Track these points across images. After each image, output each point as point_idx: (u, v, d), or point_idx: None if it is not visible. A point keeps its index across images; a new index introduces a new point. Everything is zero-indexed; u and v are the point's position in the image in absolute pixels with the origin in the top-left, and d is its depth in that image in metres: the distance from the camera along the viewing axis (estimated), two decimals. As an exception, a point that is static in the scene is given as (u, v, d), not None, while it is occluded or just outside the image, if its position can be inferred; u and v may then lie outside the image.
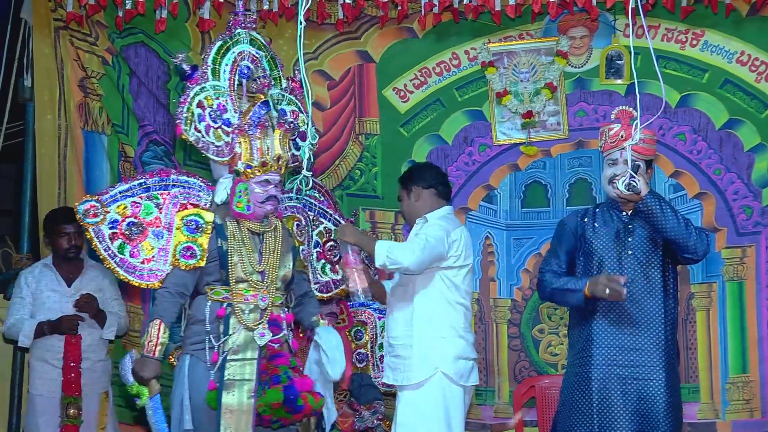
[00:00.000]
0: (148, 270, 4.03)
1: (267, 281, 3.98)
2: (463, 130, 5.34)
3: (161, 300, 4.00)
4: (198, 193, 4.15)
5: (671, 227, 3.77)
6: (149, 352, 3.89)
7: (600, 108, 5.16)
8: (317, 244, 4.41)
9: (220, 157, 4.06)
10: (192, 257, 3.98)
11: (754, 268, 5.03)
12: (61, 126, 5.35)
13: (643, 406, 3.76)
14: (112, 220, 4.03)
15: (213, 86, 4.10)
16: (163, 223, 4.06)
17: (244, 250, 3.98)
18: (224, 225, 4.00)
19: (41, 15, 5.26)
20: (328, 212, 4.50)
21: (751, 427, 4.94)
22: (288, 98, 4.34)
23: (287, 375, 3.82)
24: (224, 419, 3.80)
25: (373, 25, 5.35)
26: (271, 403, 3.77)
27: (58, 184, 5.31)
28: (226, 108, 4.10)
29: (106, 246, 4.02)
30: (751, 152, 5.05)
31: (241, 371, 3.87)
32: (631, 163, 3.80)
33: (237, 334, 3.91)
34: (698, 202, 5.09)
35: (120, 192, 4.08)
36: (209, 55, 4.13)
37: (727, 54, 5.08)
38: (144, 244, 4.06)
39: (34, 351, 4.82)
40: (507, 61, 5.25)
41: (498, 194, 5.30)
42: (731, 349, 5.01)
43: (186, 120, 4.00)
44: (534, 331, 5.23)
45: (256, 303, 3.95)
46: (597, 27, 5.20)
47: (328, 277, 4.41)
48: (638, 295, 3.84)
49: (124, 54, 5.29)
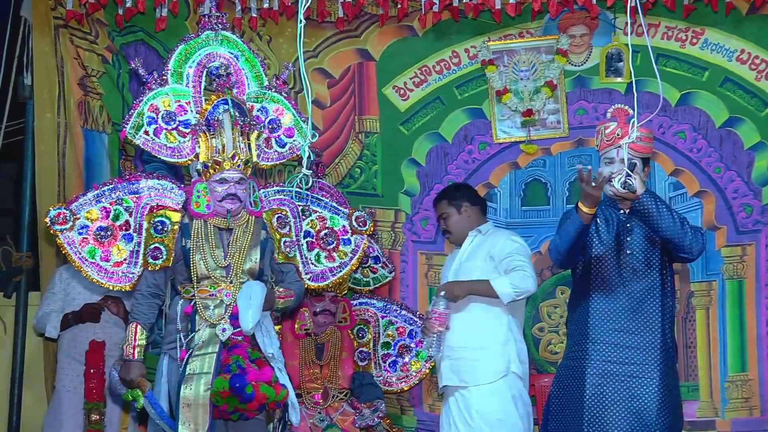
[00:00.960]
0: (120, 273, 4.10)
1: (231, 275, 4.01)
2: (463, 129, 5.34)
3: (136, 303, 4.10)
4: (169, 194, 4.20)
5: (667, 227, 3.77)
6: (128, 355, 4.00)
7: (600, 106, 5.16)
8: (308, 234, 4.39)
9: (175, 159, 4.18)
10: (158, 258, 4.06)
11: (754, 267, 5.02)
12: (60, 124, 5.34)
13: (636, 404, 3.75)
14: (82, 225, 4.08)
15: (172, 90, 4.20)
16: (132, 226, 4.12)
17: (207, 247, 4.02)
18: (190, 224, 4.07)
19: (41, 13, 5.25)
20: (323, 200, 4.49)
21: (750, 426, 4.94)
22: (271, 95, 4.33)
23: (237, 364, 3.83)
24: (182, 414, 3.85)
25: (373, 24, 5.35)
26: (219, 392, 3.78)
27: (58, 182, 5.31)
28: (185, 109, 4.19)
29: (76, 251, 4.07)
30: (751, 150, 5.05)
31: (201, 365, 3.91)
32: (628, 162, 3.79)
33: (202, 330, 3.97)
34: (698, 201, 5.09)
35: (91, 198, 4.14)
36: (170, 60, 4.23)
37: (727, 52, 5.08)
38: (114, 248, 4.12)
39: (61, 347, 4.88)
40: (507, 60, 5.25)
41: (498, 192, 5.30)
42: (731, 347, 5.01)
43: (133, 124, 4.13)
44: (534, 330, 5.23)
45: (221, 298, 3.98)
46: (597, 25, 5.20)
47: (322, 266, 4.38)
48: (637, 294, 3.84)
49: (124, 52, 5.29)
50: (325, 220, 4.41)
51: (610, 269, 3.86)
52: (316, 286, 4.40)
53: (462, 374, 4.32)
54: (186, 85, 4.22)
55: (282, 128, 4.34)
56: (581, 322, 3.90)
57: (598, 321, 3.85)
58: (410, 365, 4.87)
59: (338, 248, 4.38)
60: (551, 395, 4.01)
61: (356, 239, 4.42)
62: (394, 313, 4.93)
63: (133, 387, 3.96)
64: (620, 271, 3.86)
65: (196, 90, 4.22)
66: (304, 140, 4.33)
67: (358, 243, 4.43)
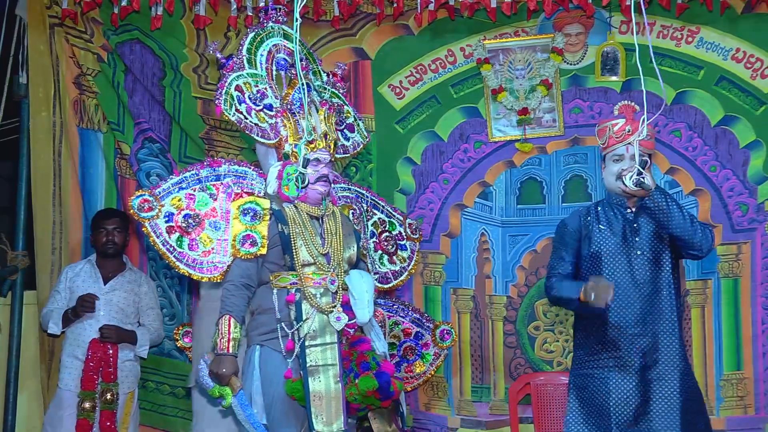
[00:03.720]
0: (209, 262, 3.93)
1: (333, 263, 3.89)
2: (458, 127, 5.34)
3: (227, 294, 3.86)
4: (251, 181, 4.07)
5: (677, 224, 3.74)
6: (222, 349, 3.74)
7: (596, 105, 5.17)
8: (373, 235, 4.36)
9: (266, 140, 3.99)
10: (253, 245, 3.86)
11: (750, 265, 5.02)
12: (56, 123, 5.33)
13: (662, 405, 3.73)
14: (168, 213, 3.91)
15: (250, 74, 4.07)
16: (219, 214, 3.96)
17: (306, 233, 3.87)
18: (282, 210, 3.90)
19: (36, 12, 5.24)
20: (380, 203, 4.47)
21: (745, 424, 4.94)
22: (330, 91, 4.29)
23: (376, 361, 3.73)
24: (314, 406, 3.68)
25: (369, 22, 5.34)
26: (366, 391, 3.67)
27: (53, 181, 5.30)
28: (266, 94, 4.05)
29: (163, 240, 3.90)
30: (747, 149, 5.05)
31: (323, 356, 3.75)
32: (639, 158, 3.77)
33: (311, 319, 3.79)
34: (694, 199, 5.09)
35: (173, 184, 3.98)
36: (244, 45, 4.10)
37: (722, 51, 5.08)
38: (202, 236, 3.95)
39: (65, 347, 4.88)
40: (502, 58, 5.25)
41: (493, 191, 5.29)
42: (726, 346, 5.01)
43: (225, 101, 3.93)
44: (529, 328, 5.23)
45: (325, 286, 3.85)
46: (592, 24, 5.20)
47: (386, 269, 4.37)
48: (652, 294, 3.81)
49: (119, 51, 5.28)
50: (385, 224, 4.39)
51: (622, 272, 3.82)
52: (380, 287, 4.37)
53: None
54: (261, 71, 4.13)
55: (345, 123, 4.35)
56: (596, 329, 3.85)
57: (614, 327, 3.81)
58: (414, 367, 4.86)
59: (397, 252, 4.37)
60: (571, 407, 3.91)
61: (410, 245, 4.43)
62: (401, 313, 4.88)
63: (223, 383, 3.74)
64: (632, 274, 3.82)
65: (269, 77, 4.13)
66: (362, 138, 4.35)
67: (413, 249, 4.43)
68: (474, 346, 5.23)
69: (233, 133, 5.29)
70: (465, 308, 5.27)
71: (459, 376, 5.20)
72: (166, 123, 5.36)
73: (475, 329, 5.24)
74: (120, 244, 5.01)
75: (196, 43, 5.30)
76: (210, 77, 5.33)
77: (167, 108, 5.32)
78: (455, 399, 5.21)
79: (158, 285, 5.24)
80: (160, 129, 5.35)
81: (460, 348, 5.22)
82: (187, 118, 5.32)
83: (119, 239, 5.00)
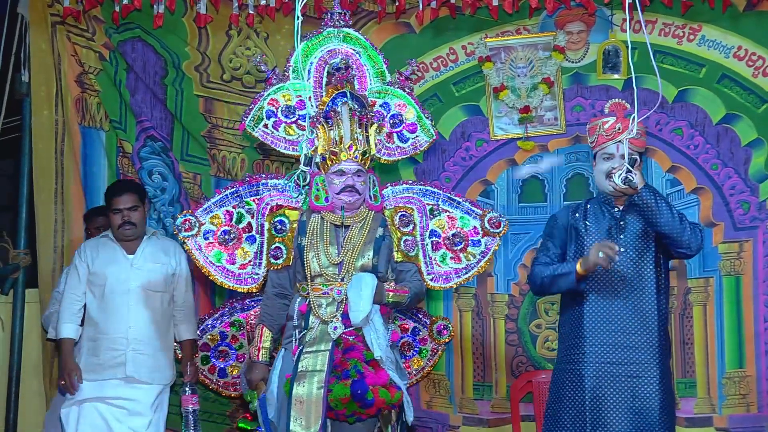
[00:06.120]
0: (246, 275, 4.28)
1: (343, 273, 4.01)
2: (460, 125, 5.34)
3: (263, 305, 4.21)
4: (289, 194, 4.33)
5: (665, 222, 3.75)
6: (253, 356, 4.12)
7: (597, 103, 5.16)
8: (435, 234, 4.39)
9: (293, 151, 4.31)
10: (278, 257, 4.13)
11: (751, 263, 5.02)
12: (58, 121, 5.34)
13: (637, 404, 3.73)
14: (207, 230, 4.29)
15: (293, 85, 4.32)
16: (255, 228, 4.27)
17: (321, 244, 4.05)
18: (307, 222, 4.11)
19: (38, 10, 5.25)
20: (456, 199, 4.50)
21: (747, 422, 4.93)
22: (393, 91, 4.43)
23: (356, 369, 3.83)
24: (294, 409, 3.84)
25: (371, 20, 5.34)
26: (340, 398, 3.79)
27: (55, 179, 5.30)
28: (305, 104, 4.29)
29: (204, 256, 4.29)
30: (748, 147, 5.05)
31: (314, 362, 3.91)
32: (628, 157, 3.78)
33: (315, 328, 3.99)
34: (695, 197, 5.08)
35: (213, 203, 4.34)
36: (292, 56, 4.36)
37: (724, 49, 5.08)
38: (239, 251, 4.31)
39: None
40: (504, 56, 5.25)
41: (495, 189, 5.29)
42: (728, 344, 5.01)
43: (253, 118, 4.30)
44: (531, 327, 5.23)
45: (333, 296, 4.00)
46: (594, 22, 5.20)
47: (447, 267, 4.39)
48: (632, 293, 3.82)
49: (121, 49, 5.29)
50: (455, 220, 4.41)
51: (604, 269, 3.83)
52: (438, 287, 4.42)
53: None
54: (307, 81, 4.32)
55: (404, 123, 4.43)
56: (575, 324, 3.88)
57: (593, 322, 3.83)
58: (412, 363, 4.86)
59: (466, 249, 4.39)
60: (549, 400, 3.97)
61: (487, 241, 4.43)
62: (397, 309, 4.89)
63: (252, 388, 4.09)
64: (614, 271, 3.83)
65: (317, 85, 4.31)
66: (428, 136, 4.44)
67: (489, 245, 4.44)
68: (476, 344, 5.23)
69: (235, 132, 5.29)
70: (467, 306, 5.27)
71: (461, 374, 5.20)
72: (168, 121, 5.36)
73: (477, 327, 5.24)
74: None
75: (198, 41, 5.31)
76: (212, 76, 5.33)
77: (169, 106, 5.32)
78: (457, 397, 5.21)
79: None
80: (162, 127, 5.36)
81: (462, 346, 5.22)
82: (189, 117, 5.32)
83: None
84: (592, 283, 3.86)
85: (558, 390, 3.91)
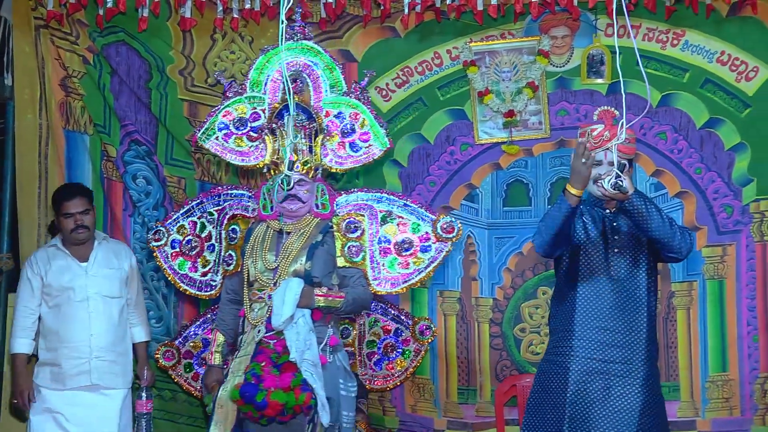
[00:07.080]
0: (206, 282, 4.49)
1: (277, 277, 4.09)
2: (445, 129, 5.34)
3: (218, 310, 4.41)
4: (246, 203, 4.49)
5: (656, 227, 3.75)
6: (208, 360, 4.34)
7: (581, 107, 5.18)
8: (384, 240, 4.42)
9: (243, 162, 4.48)
10: (230, 264, 4.32)
11: (735, 267, 5.04)
12: (42, 125, 5.31)
13: (618, 402, 3.74)
14: (174, 240, 4.58)
15: (249, 97, 4.51)
16: (214, 236, 4.46)
17: (260, 251, 4.17)
18: (253, 229, 4.27)
19: (21, 13, 5.23)
20: (411, 205, 4.52)
21: (730, 426, 4.95)
22: (348, 101, 4.51)
23: (253, 372, 3.86)
24: (216, 413, 4.00)
25: (356, 25, 5.34)
26: (235, 401, 3.88)
27: (39, 183, 5.27)
28: (260, 116, 4.46)
29: (170, 265, 4.59)
30: (732, 151, 5.07)
31: (237, 367, 4.04)
32: (617, 163, 3.78)
33: (247, 332, 4.13)
34: (679, 201, 5.10)
35: (180, 214, 4.65)
36: (250, 70, 4.56)
37: (707, 54, 5.10)
38: (201, 259, 4.55)
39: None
40: (489, 61, 5.25)
41: (480, 193, 5.30)
42: (711, 347, 5.03)
43: (205, 130, 4.50)
44: (515, 330, 5.23)
45: (265, 301, 4.10)
46: (578, 27, 5.21)
47: (395, 273, 4.42)
48: (623, 293, 3.83)
49: (105, 53, 5.27)
50: (407, 226, 4.43)
51: (598, 267, 3.83)
52: (384, 291, 4.45)
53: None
54: (263, 93, 4.47)
55: (357, 133, 4.48)
56: (566, 318, 3.88)
57: (583, 318, 3.83)
58: (395, 364, 4.86)
59: (416, 254, 4.41)
60: (533, 390, 3.98)
61: (438, 246, 4.43)
62: (379, 310, 4.89)
63: (209, 391, 4.17)
64: (608, 270, 3.84)
65: (273, 97, 4.45)
66: (381, 145, 4.50)
67: (440, 250, 4.43)
68: (460, 348, 5.23)
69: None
70: (451, 310, 5.27)
71: (445, 377, 5.20)
72: (153, 125, 5.35)
73: (462, 331, 5.24)
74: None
75: (182, 44, 5.29)
76: (196, 79, 5.32)
77: (153, 110, 5.31)
78: (441, 401, 5.21)
79: (145, 287, 5.16)
80: (146, 131, 5.34)
81: (447, 350, 5.22)
82: (174, 121, 5.31)
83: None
84: (585, 280, 3.85)
85: (542, 381, 3.93)
